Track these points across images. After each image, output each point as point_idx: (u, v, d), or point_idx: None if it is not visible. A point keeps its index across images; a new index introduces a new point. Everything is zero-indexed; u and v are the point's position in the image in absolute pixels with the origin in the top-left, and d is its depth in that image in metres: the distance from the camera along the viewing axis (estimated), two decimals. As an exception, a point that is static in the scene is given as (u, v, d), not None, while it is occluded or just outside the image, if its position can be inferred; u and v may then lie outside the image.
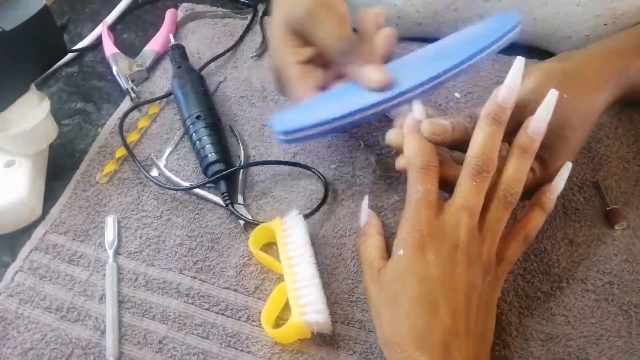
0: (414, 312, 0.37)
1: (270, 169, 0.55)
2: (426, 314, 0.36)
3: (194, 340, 0.45)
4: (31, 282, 0.48)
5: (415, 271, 0.37)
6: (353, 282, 0.47)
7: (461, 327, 0.36)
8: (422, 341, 0.36)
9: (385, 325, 0.38)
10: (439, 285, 0.37)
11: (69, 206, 0.53)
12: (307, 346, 0.44)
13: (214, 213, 0.52)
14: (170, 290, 0.47)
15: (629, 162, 0.52)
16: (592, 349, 0.43)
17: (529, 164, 0.39)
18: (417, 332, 0.36)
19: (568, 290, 0.45)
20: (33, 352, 0.44)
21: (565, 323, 0.44)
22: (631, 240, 0.48)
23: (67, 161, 0.57)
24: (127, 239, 0.50)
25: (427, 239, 0.37)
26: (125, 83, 0.61)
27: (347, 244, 0.49)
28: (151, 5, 0.73)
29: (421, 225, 0.38)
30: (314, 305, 0.43)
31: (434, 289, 0.37)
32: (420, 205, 0.38)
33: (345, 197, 0.52)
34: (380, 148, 0.55)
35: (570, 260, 0.47)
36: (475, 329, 0.37)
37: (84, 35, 0.69)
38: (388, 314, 0.38)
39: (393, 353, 0.37)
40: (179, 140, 0.58)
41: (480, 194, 0.38)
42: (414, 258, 0.37)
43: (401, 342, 0.37)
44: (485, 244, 0.38)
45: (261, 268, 0.48)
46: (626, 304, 0.44)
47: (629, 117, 0.55)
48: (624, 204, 0.49)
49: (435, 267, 0.37)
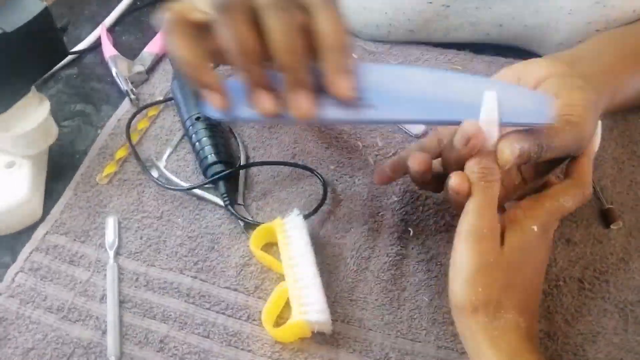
0: (531, 285, 0.40)
1: (270, 169, 0.55)
2: (534, 291, 0.40)
3: (194, 339, 0.45)
4: (32, 283, 0.48)
5: (539, 251, 0.40)
6: (353, 281, 0.47)
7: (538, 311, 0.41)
8: (527, 310, 0.38)
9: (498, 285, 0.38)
10: (543, 272, 0.41)
11: (69, 207, 0.53)
12: (307, 345, 0.44)
13: (214, 214, 0.52)
14: (171, 290, 0.47)
15: (624, 163, 0.53)
16: (589, 347, 0.43)
17: None
18: (526, 302, 0.39)
19: (565, 289, 0.46)
20: (34, 352, 0.44)
21: (563, 321, 0.44)
22: (627, 239, 0.48)
23: (67, 162, 0.57)
24: (128, 240, 0.51)
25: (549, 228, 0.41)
26: (124, 85, 0.62)
27: (347, 244, 0.50)
28: (150, 7, 0.73)
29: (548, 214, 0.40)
30: (314, 305, 0.43)
31: (541, 273, 0.41)
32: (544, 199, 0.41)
33: (345, 198, 0.53)
34: (379, 149, 0.56)
35: (567, 259, 0.48)
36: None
37: (83, 37, 0.69)
38: (507, 276, 0.38)
39: (495, 312, 0.37)
40: (179, 142, 0.58)
41: None
42: (541, 239, 0.40)
43: (511, 305, 0.37)
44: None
45: (261, 268, 0.48)
46: (622, 302, 0.45)
47: (623, 118, 0.56)
48: (619, 204, 0.50)
49: (546, 255, 0.41)
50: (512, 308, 0.37)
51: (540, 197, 0.41)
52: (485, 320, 0.37)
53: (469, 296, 0.37)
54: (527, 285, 0.39)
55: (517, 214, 0.40)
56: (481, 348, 0.37)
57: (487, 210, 0.38)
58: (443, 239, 0.49)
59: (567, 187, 0.41)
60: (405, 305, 0.46)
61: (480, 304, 0.37)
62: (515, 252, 0.39)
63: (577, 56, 0.47)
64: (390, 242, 0.49)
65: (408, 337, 0.44)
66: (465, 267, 0.38)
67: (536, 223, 0.39)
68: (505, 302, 0.37)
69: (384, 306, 0.46)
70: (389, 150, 0.56)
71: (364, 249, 0.49)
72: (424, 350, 0.44)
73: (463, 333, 0.39)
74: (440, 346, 0.44)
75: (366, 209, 0.52)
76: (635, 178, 0.52)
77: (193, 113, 0.55)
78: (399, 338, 0.44)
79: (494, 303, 0.37)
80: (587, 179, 0.41)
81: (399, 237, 0.50)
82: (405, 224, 0.51)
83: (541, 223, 0.39)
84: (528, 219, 0.39)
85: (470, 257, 0.37)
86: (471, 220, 0.38)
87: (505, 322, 0.37)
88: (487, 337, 0.37)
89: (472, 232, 0.38)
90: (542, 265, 0.41)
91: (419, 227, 0.50)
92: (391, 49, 0.64)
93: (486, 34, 0.61)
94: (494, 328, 0.37)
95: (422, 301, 0.46)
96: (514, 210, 0.40)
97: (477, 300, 0.37)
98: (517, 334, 0.37)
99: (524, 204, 0.40)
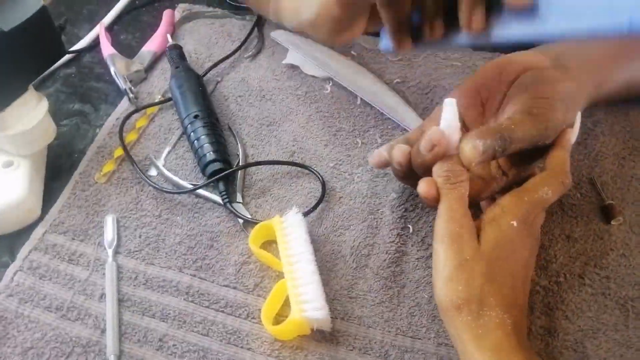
0: (513, 281, 0.39)
1: (269, 167, 0.55)
2: (518, 286, 0.40)
3: (194, 337, 0.45)
4: (31, 282, 0.48)
5: (519, 246, 0.40)
6: (352, 278, 0.47)
7: (526, 306, 0.40)
8: (511, 307, 0.38)
9: (478, 282, 0.38)
10: (529, 266, 0.41)
11: (68, 206, 0.53)
12: (306, 342, 0.44)
13: (213, 212, 0.52)
14: (170, 289, 0.47)
15: (625, 159, 0.53)
16: (589, 343, 0.43)
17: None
18: (510, 298, 0.38)
19: (566, 285, 0.46)
20: (33, 351, 0.44)
21: (563, 317, 0.44)
22: (627, 235, 0.48)
23: (66, 161, 0.57)
24: (127, 238, 0.51)
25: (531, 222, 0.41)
26: (123, 84, 0.62)
27: (346, 241, 0.49)
28: (148, 6, 0.73)
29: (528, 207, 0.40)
30: (313, 302, 0.43)
31: (525, 266, 0.41)
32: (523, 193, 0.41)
33: (344, 195, 0.52)
34: (378, 145, 0.56)
35: (567, 255, 0.47)
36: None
37: (82, 36, 0.69)
38: (487, 273, 0.38)
39: (478, 310, 0.37)
40: (177, 140, 0.58)
41: None
42: (522, 234, 0.40)
43: (494, 302, 0.38)
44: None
45: (260, 266, 0.48)
46: (623, 297, 0.45)
47: (624, 114, 0.55)
48: (620, 200, 0.50)
49: (530, 249, 0.41)
50: (495, 305, 0.37)
51: (518, 192, 0.41)
52: (469, 319, 0.37)
53: (451, 295, 0.38)
54: (510, 281, 0.39)
55: (494, 210, 0.40)
56: (466, 347, 0.37)
57: (457, 211, 0.40)
58: (443, 236, 0.49)
59: (544, 179, 0.41)
60: (405, 303, 0.46)
61: (463, 302, 0.37)
62: (493, 248, 0.39)
63: (562, 48, 0.47)
64: (390, 239, 0.49)
65: (408, 335, 0.44)
66: (443, 267, 0.39)
67: (515, 218, 0.40)
68: (487, 299, 0.37)
69: (384, 303, 0.46)
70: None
71: (363, 246, 0.49)
72: (424, 347, 0.44)
73: (450, 332, 0.39)
74: (440, 343, 0.44)
75: (365, 206, 0.52)
76: (636, 174, 0.51)
77: (191, 111, 0.55)
78: (399, 335, 0.44)
79: (476, 301, 0.37)
80: (564, 168, 0.42)
81: (399, 234, 0.49)
82: (404, 220, 0.50)
83: (521, 217, 0.40)
84: (506, 214, 0.40)
85: (447, 257, 0.39)
86: (443, 222, 0.40)
87: (489, 320, 0.37)
88: (471, 336, 0.37)
89: (446, 233, 0.39)
90: (528, 259, 0.41)
91: (418, 224, 0.50)
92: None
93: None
94: (478, 326, 0.37)
95: (422, 298, 0.46)
96: (492, 207, 0.40)
97: (458, 298, 0.38)
98: (503, 331, 0.37)
99: (502, 200, 0.41)
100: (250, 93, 0.61)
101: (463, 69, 0.61)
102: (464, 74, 0.61)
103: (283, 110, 0.59)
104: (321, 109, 0.59)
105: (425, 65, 0.62)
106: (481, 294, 0.38)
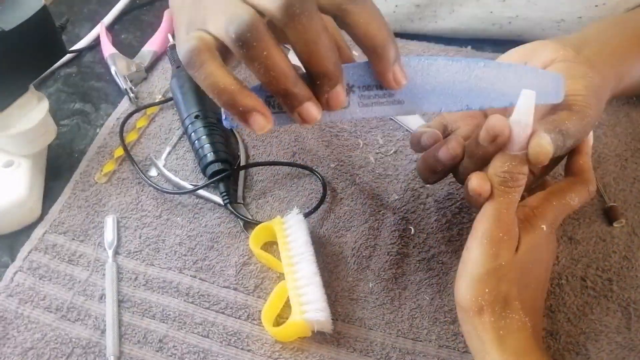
0: (538, 285, 0.40)
1: (270, 168, 0.55)
2: (541, 290, 0.40)
3: (194, 339, 0.45)
4: (31, 282, 0.48)
5: (546, 250, 0.40)
6: (353, 280, 0.47)
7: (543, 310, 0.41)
8: (533, 310, 0.38)
9: (506, 285, 0.37)
10: (549, 271, 0.41)
11: (68, 206, 0.53)
12: (307, 344, 0.44)
13: (213, 212, 0.52)
14: (170, 290, 0.47)
15: (627, 160, 0.52)
16: (591, 345, 0.43)
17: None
18: (532, 302, 0.39)
19: (568, 288, 0.46)
20: (33, 351, 0.44)
21: (565, 320, 0.44)
22: (630, 237, 0.48)
23: (66, 161, 0.57)
24: (127, 239, 0.50)
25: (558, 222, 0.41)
26: (123, 83, 0.61)
27: (348, 242, 0.49)
28: (149, 5, 0.73)
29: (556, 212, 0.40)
30: (314, 304, 0.43)
31: (547, 271, 0.41)
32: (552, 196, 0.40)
33: (345, 196, 0.52)
34: (379, 147, 0.55)
35: (569, 257, 0.47)
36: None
37: (82, 35, 0.69)
38: (517, 277, 0.38)
39: (501, 312, 0.37)
40: (178, 140, 0.58)
41: None
42: (551, 236, 0.40)
43: (518, 306, 0.37)
44: None
45: (261, 267, 0.48)
46: (625, 300, 0.45)
47: (627, 115, 0.55)
48: (623, 202, 0.50)
49: (552, 253, 0.41)
50: (520, 308, 0.37)
51: (548, 195, 0.40)
52: (492, 320, 0.36)
53: (475, 297, 0.37)
54: (535, 285, 0.39)
55: (527, 213, 0.39)
56: (486, 347, 0.36)
57: (506, 215, 0.37)
58: (444, 238, 0.49)
59: (572, 184, 0.40)
60: (406, 304, 0.46)
61: (487, 304, 0.36)
62: (528, 252, 0.38)
63: (583, 40, 0.45)
64: (391, 240, 0.49)
65: (409, 337, 0.44)
66: (475, 268, 0.37)
67: (545, 222, 0.39)
68: (513, 302, 0.37)
69: (385, 305, 0.46)
70: (389, 148, 0.55)
71: (365, 248, 0.49)
72: (425, 349, 0.43)
73: (467, 331, 0.38)
74: (442, 345, 0.44)
75: (367, 207, 0.51)
76: (639, 175, 0.51)
77: (192, 111, 0.55)
78: (400, 337, 0.44)
79: (501, 303, 0.37)
80: (590, 175, 0.41)
81: (400, 235, 0.49)
82: (406, 222, 0.50)
83: (550, 221, 0.39)
84: (538, 218, 0.38)
85: (483, 259, 0.37)
86: (488, 224, 0.37)
87: (511, 322, 0.37)
88: (493, 336, 0.36)
89: (487, 235, 0.37)
90: (549, 263, 0.41)
91: (420, 226, 0.50)
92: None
93: (490, 11, 0.61)
94: (500, 327, 0.36)
95: (424, 300, 0.46)
96: (524, 210, 0.39)
97: (483, 300, 0.37)
98: (524, 334, 0.36)
99: (532, 203, 0.39)
100: (251, 93, 0.61)
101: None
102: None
103: (284, 110, 0.59)
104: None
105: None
106: (507, 297, 0.37)
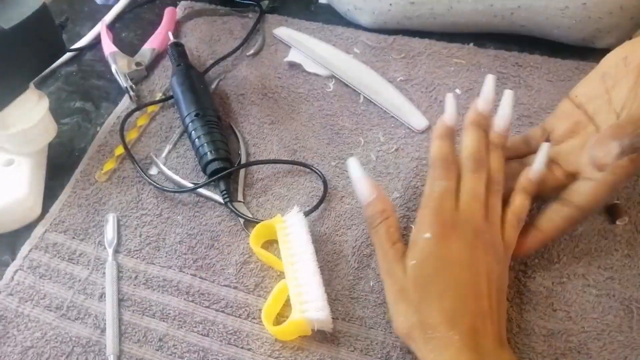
0: (446, 293, 0.38)
1: (270, 166, 0.55)
2: (457, 296, 0.38)
3: (194, 337, 0.44)
4: (31, 281, 0.48)
5: (444, 255, 0.39)
6: (354, 278, 0.47)
7: (486, 308, 0.38)
8: (454, 321, 0.37)
9: (413, 307, 0.39)
10: (466, 269, 0.39)
11: (68, 205, 0.53)
12: (307, 343, 0.44)
13: (213, 211, 0.52)
14: (170, 288, 0.47)
15: (630, 158, 0.52)
16: (593, 344, 0.42)
17: (502, 154, 0.44)
18: (449, 312, 0.38)
19: (569, 286, 0.45)
20: (33, 350, 0.44)
21: (567, 318, 0.44)
22: (632, 235, 0.47)
23: (67, 160, 0.57)
24: (127, 237, 0.50)
25: (450, 227, 0.40)
26: (124, 82, 0.61)
27: (348, 241, 0.49)
28: (150, 3, 0.73)
29: (445, 214, 0.41)
30: (314, 303, 0.43)
31: (462, 272, 0.39)
32: (443, 197, 0.41)
33: (346, 194, 0.52)
34: (380, 145, 0.55)
35: (571, 255, 0.47)
36: (497, 310, 0.39)
37: (83, 34, 0.68)
38: (418, 296, 0.39)
39: (423, 335, 0.38)
40: (178, 138, 0.58)
41: (482, 185, 0.42)
42: (441, 243, 0.40)
43: (434, 322, 0.37)
44: (493, 229, 0.41)
45: (261, 265, 0.48)
46: (627, 299, 0.44)
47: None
48: (626, 200, 0.49)
49: (460, 252, 0.39)
50: (438, 324, 0.37)
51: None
52: (420, 346, 0.38)
53: (398, 328, 0.40)
54: (454, 291, 0.38)
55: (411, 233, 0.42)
56: None
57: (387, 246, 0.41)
58: (445, 236, 0.49)
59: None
60: (407, 303, 0.45)
61: (409, 331, 0.39)
62: (414, 269, 0.39)
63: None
64: (392, 238, 0.49)
65: (410, 335, 0.44)
66: (388, 301, 0.41)
67: (429, 230, 0.40)
68: (427, 321, 0.38)
69: (385, 304, 0.45)
70: (391, 146, 0.55)
71: (365, 246, 0.49)
72: (426, 348, 0.43)
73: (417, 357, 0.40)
74: (442, 344, 0.43)
75: (367, 205, 0.51)
76: (641, 173, 0.51)
77: (192, 109, 0.55)
78: (401, 336, 0.44)
79: (418, 325, 0.38)
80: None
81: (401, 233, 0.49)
82: (406, 220, 0.50)
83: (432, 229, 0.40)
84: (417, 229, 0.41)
85: (387, 292, 0.41)
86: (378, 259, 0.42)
87: (437, 342, 0.37)
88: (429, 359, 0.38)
89: (382, 268, 0.42)
90: (463, 266, 0.39)
91: (420, 224, 0.50)
92: (393, 43, 0.64)
93: (490, 4, 0.60)
94: (429, 351, 0.37)
95: (424, 298, 0.46)
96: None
97: (404, 328, 0.39)
98: (451, 351, 0.36)
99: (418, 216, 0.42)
100: (252, 91, 0.61)
101: (467, 67, 0.61)
102: (468, 72, 0.60)
103: (285, 108, 0.59)
104: (323, 107, 0.59)
105: (429, 63, 0.61)
106: (420, 318, 0.38)
